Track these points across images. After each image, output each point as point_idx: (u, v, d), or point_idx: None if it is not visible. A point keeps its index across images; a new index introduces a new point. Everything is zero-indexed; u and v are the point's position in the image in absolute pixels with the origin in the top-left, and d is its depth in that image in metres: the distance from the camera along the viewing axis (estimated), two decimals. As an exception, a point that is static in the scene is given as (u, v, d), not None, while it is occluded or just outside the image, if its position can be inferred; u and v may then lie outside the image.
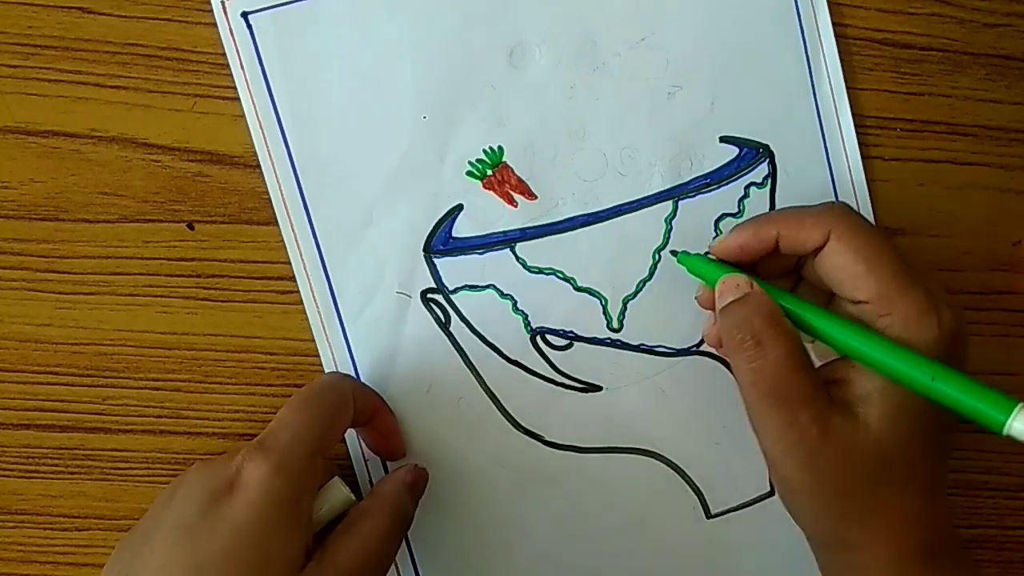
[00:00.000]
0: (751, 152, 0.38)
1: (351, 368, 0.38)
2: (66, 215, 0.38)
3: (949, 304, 0.31)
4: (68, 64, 0.37)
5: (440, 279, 0.38)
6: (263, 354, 0.38)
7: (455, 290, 0.38)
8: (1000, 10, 0.39)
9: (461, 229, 0.38)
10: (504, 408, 0.39)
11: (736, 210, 0.38)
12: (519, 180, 0.38)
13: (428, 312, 0.38)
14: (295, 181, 0.37)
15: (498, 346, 0.38)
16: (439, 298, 0.38)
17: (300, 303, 0.38)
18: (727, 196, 0.38)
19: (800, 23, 0.38)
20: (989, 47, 0.39)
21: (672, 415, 0.39)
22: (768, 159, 0.39)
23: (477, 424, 0.39)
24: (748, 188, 0.38)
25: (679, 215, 0.38)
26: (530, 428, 0.39)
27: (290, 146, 0.37)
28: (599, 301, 0.38)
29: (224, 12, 0.37)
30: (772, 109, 0.38)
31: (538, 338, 0.39)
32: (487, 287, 0.38)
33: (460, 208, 0.38)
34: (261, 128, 0.37)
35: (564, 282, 0.38)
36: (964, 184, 0.40)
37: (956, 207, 0.40)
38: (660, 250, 0.38)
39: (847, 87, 0.38)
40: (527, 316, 0.38)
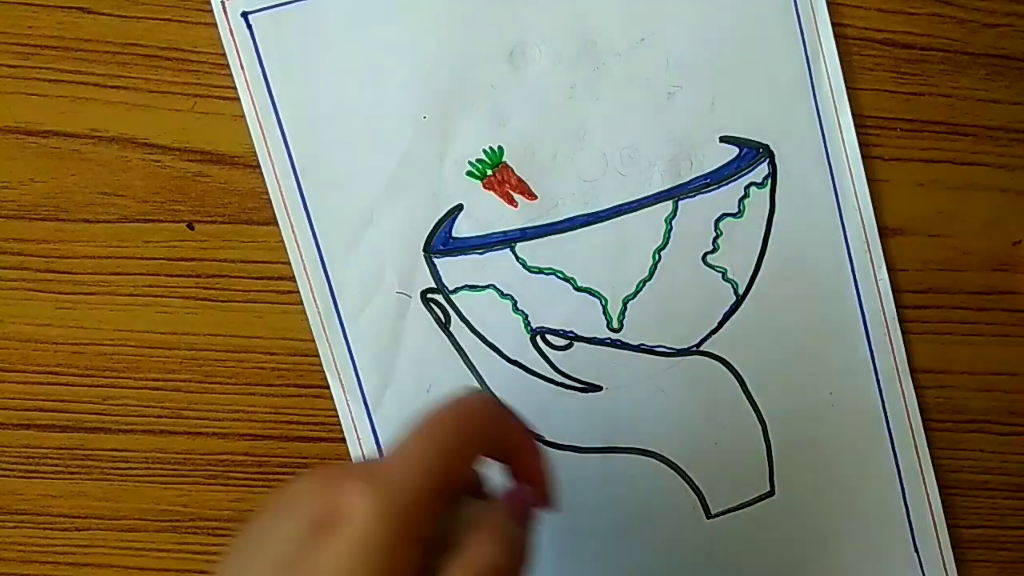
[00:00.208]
0: (751, 152, 0.38)
1: (351, 368, 0.38)
2: (66, 215, 0.38)
3: None
4: (68, 64, 0.37)
5: (440, 279, 0.38)
6: (263, 354, 0.38)
7: (455, 290, 0.38)
8: (1000, 10, 0.39)
9: (461, 229, 0.38)
10: (504, 408, 0.39)
11: (736, 210, 0.38)
12: (519, 180, 0.38)
13: (428, 312, 0.38)
14: (295, 181, 0.37)
15: (498, 346, 0.38)
16: (439, 298, 0.38)
17: (300, 303, 0.38)
18: (727, 196, 0.38)
19: (800, 23, 0.38)
20: (989, 47, 0.39)
21: (672, 415, 0.39)
22: (768, 159, 0.39)
23: (477, 424, 0.39)
24: (748, 188, 0.38)
25: (679, 215, 0.38)
26: (530, 428, 0.39)
27: (290, 146, 0.37)
28: (599, 301, 0.38)
29: (224, 12, 0.37)
30: (772, 109, 0.38)
31: (538, 338, 0.39)
32: (487, 287, 0.38)
33: (460, 208, 0.38)
34: (261, 128, 0.37)
35: (564, 282, 0.38)
36: (964, 184, 0.40)
37: (956, 207, 0.40)
38: (660, 250, 0.38)
39: (847, 87, 0.38)
40: (527, 316, 0.38)
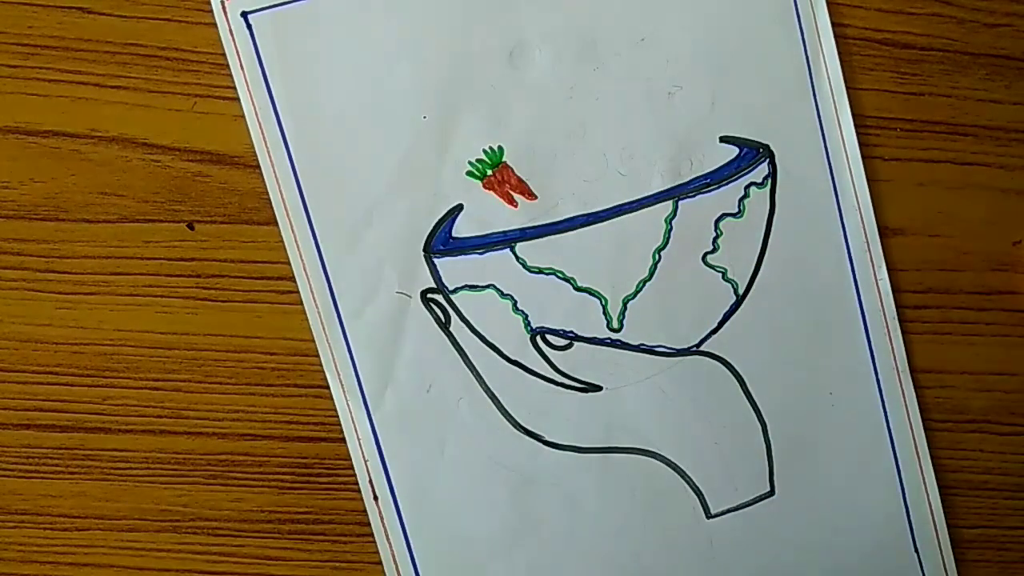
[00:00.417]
0: (751, 152, 0.38)
1: (351, 368, 0.38)
2: (66, 215, 0.38)
3: None
4: (68, 64, 0.37)
5: (440, 279, 0.38)
6: (263, 354, 0.38)
7: (455, 290, 0.38)
8: (1000, 10, 0.39)
9: (461, 229, 0.38)
10: (504, 408, 0.39)
11: (736, 210, 0.38)
12: (519, 180, 0.38)
13: (428, 312, 0.38)
14: (295, 181, 0.37)
15: (498, 346, 0.38)
16: (439, 298, 0.38)
17: (300, 303, 0.38)
18: (727, 196, 0.38)
19: (800, 23, 0.38)
20: (989, 47, 0.39)
21: (672, 415, 0.39)
22: (768, 159, 0.39)
23: (477, 424, 0.39)
24: (748, 188, 0.38)
25: (679, 215, 0.38)
26: (530, 428, 0.39)
27: (290, 146, 0.37)
28: (599, 301, 0.38)
29: (224, 12, 0.37)
30: (772, 109, 0.38)
31: (538, 338, 0.39)
32: (487, 287, 0.38)
33: (460, 208, 0.38)
34: (261, 128, 0.37)
35: (564, 282, 0.38)
36: (964, 184, 0.40)
37: (956, 207, 0.40)
38: (660, 250, 0.38)
39: (847, 87, 0.38)
40: (527, 316, 0.38)
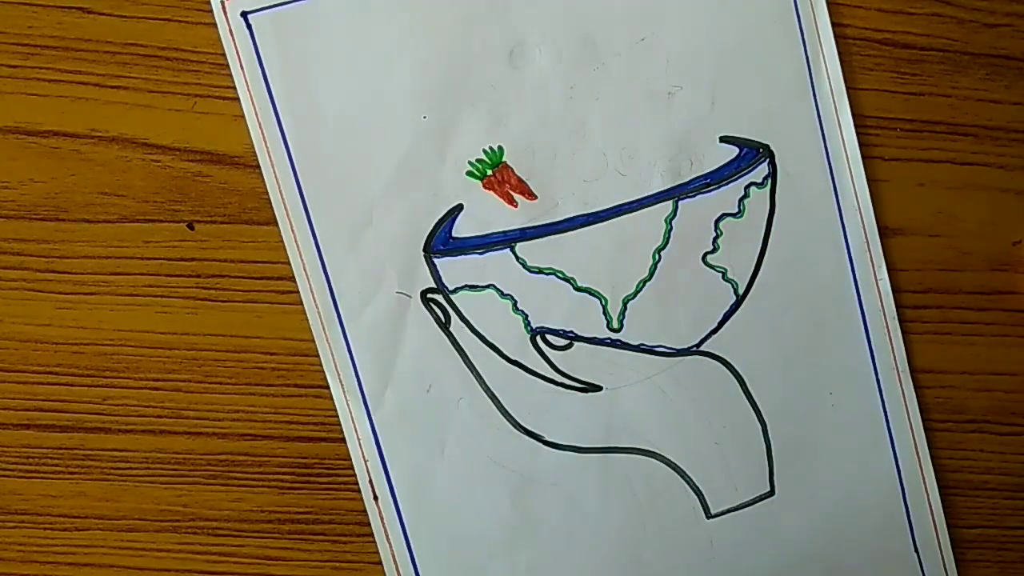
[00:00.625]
0: (751, 152, 0.38)
1: (351, 368, 0.38)
2: (66, 215, 0.38)
3: None
4: (68, 64, 0.37)
5: (440, 279, 0.38)
6: (263, 354, 0.38)
7: (455, 290, 0.38)
8: (1000, 10, 0.39)
9: (461, 229, 0.38)
10: (504, 408, 0.39)
11: (736, 210, 0.38)
12: (519, 180, 0.38)
13: (428, 312, 0.38)
14: (295, 181, 0.37)
15: (498, 346, 0.38)
16: (439, 298, 0.38)
17: (300, 303, 0.38)
18: (727, 196, 0.38)
19: (800, 23, 0.38)
20: (989, 47, 0.39)
21: (672, 415, 0.39)
22: (768, 159, 0.39)
23: (477, 424, 0.39)
24: (748, 188, 0.38)
25: (679, 215, 0.38)
26: (530, 428, 0.39)
27: (290, 146, 0.37)
28: (599, 301, 0.38)
29: (224, 12, 0.37)
30: (772, 109, 0.38)
31: (538, 338, 0.39)
32: (487, 287, 0.38)
33: (460, 208, 0.38)
34: (261, 128, 0.37)
35: (564, 282, 0.38)
36: (964, 184, 0.40)
37: (956, 207, 0.40)
38: (660, 250, 0.38)
39: (847, 87, 0.38)
40: (527, 316, 0.38)
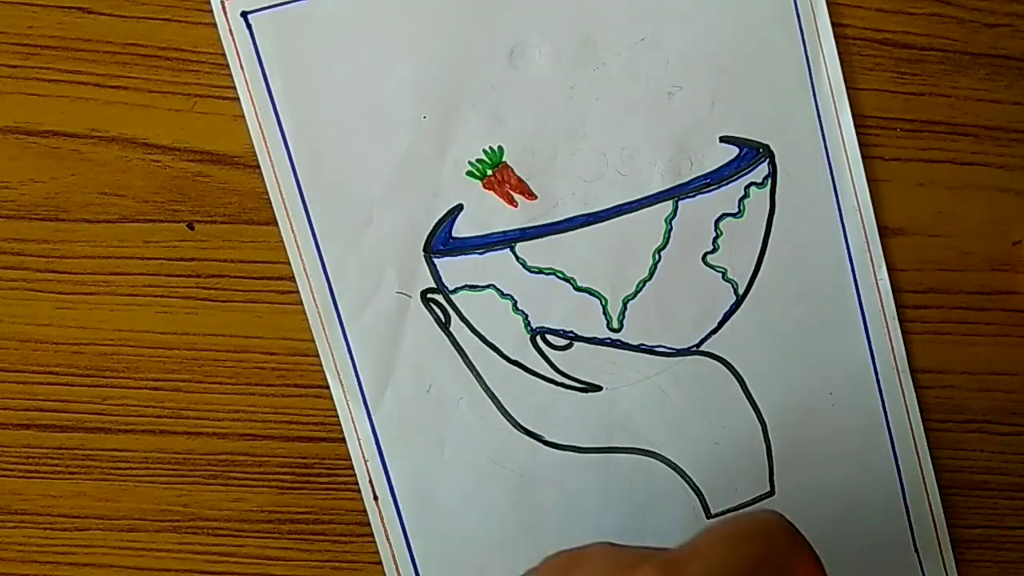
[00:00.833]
0: (751, 152, 0.38)
1: (351, 368, 0.38)
2: (66, 215, 0.38)
3: None
4: (68, 64, 0.37)
5: (440, 279, 0.38)
6: (263, 354, 0.38)
7: (455, 290, 0.38)
8: (1000, 10, 0.39)
9: (461, 229, 0.38)
10: (504, 408, 0.39)
11: (736, 210, 0.38)
12: (519, 180, 0.38)
13: (428, 312, 0.38)
14: (295, 181, 0.37)
15: (498, 346, 0.38)
16: (439, 298, 0.38)
17: (300, 303, 0.38)
18: (727, 196, 0.38)
19: (800, 23, 0.38)
20: (989, 47, 0.39)
21: (672, 415, 0.39)
22: (768, 159, 0.39)
23: (477, 424, 0.39)
24: (748, 188, 0.38)
25: (679, 215, 0.38)
26: (530, 428, 0.39)
27: (290, 146, 0.37)
28: (599, 301, 0.38)
29: (224, 12, 0.37)
30: (772, 109, 0.38)
31: (538, 338, 0.39)
32: (487, 287, 0.38)
33: (460, 208, 0.38)
34: (261, 128, 0.37)
35: (564, 282, 0.38)
36: (964, 184, 0.40)
37: (956, 207, 0.40)
38: (660, 250, 0.38)
39: (847, 87, 0.38)
40: (527, 316, 0.38)
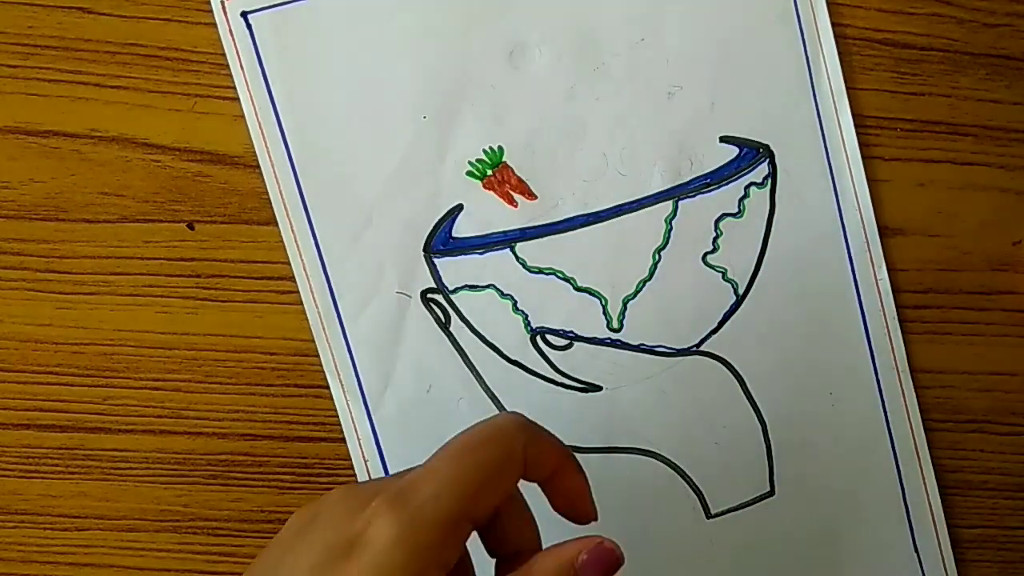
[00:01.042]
0: (751, 152, 0.38)
1: (351, 368, 0.38)
2: (66, 215, 0.38)
3: None
4: (68, 64, 0.37)
5: (440, 279, 0.38)
6: (263, 354, 0.38)
7: (455, 290, 0.38)
8: (1000, 10, 0.39)
9: (461, 229, 0.38)
10: (504, 408, 0.39)
11: (736, 210, 0.38)
12: (519, 180, 0.38)
13: (428, 312, 0.38)
14: (295, 181, 0.37)
15: (498, 346, 0.38)
16: (439, 298, 0.38)
17: (300, 303, 0.38)
18: (727, 196, 0.38)
19: (800, 23, 0.38)
20: (989, 47, 0.39)
21: (672, 415, 0.39)
22: (768, 159, 0.39)
23: (477, 424, 0.39)
24: (748, 188, 0.38)
25: (679, 215, 0.38)
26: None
27: (290, 146, 0.37)
28: (599, 301, 0.38)
29: (224, 12, 0.37)
30: (772, 109, 0.38)
31: (538, 338, 0.39)
32: (487, 287, 0.38)
33: (460, 208, 0.38)
34: (261, 128, 0.37)
35: (564, 282, 0.38)
36: (964, 184, 0.40)
37: (956, 207, 0.40)
38: (660, 250, 0.38)
39: (847, 87, 0.38)
40: (527, 316, 0.38)
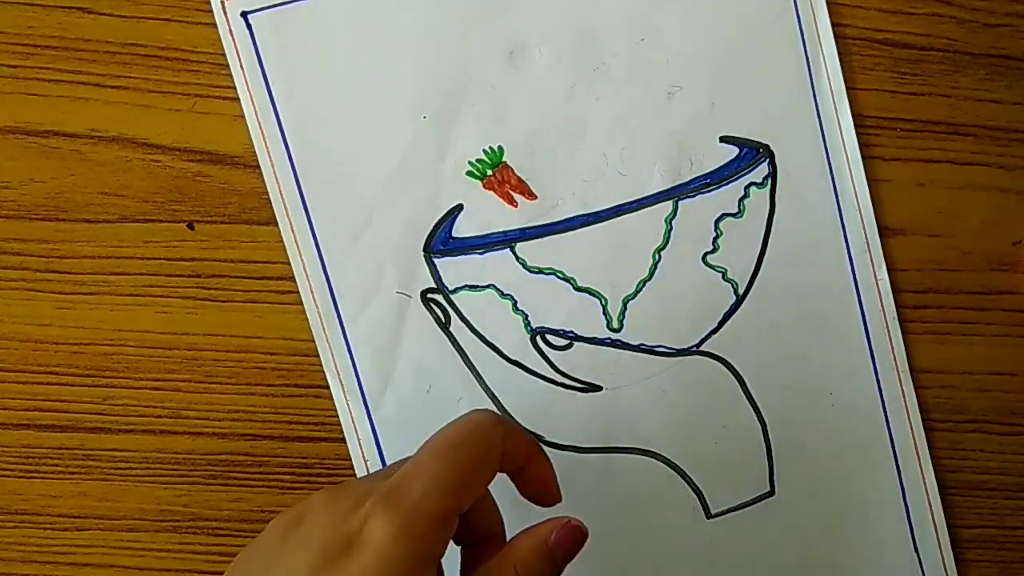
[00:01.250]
0: (751, 152, 0.38)
1: (351, 368, 0.38)
2: (66, 215, 0.38)
3: None
4: (68, 64, 0.37)
5: (440, 279, 0.38)
6: (263, 354, 0.38)
7: (455, 290, 0.38)
8: (1000, 10, 0.39)
9: (461, 229, 0.38)
10: (504, 408, 0.39)
11: (736, 210, 0.38)
12: (519, 180, 0.38)
13: (428, 312, 0.38)
14: (295, 181, 0.37)
15: (498, 346, 0.38)
16: (439, 298, 0.38)
17: (300, 303, 0.38)
18: (727, 196, 0.38)
19: (800, 23, 0.38)
20: (989, 47, 0.39)
21: (672, 415, 0.39)
22: (768, 159, 0.39)
23: (477, 424, 0.39)
24: (748, 188, 0.38)
25: (679, 215, 0.38)
26: (530, 428, 0.39)
27: (290, 146, 0.37)
28: (599, 301, 0.38)
29: (224, 12, 0.37)
30: (772, 109, 0.38)
31: (538, 338, 0.39)
32: (487, 287, 0.38)
33: (460, 208, 0.38)
34: (261, 128, 0.37)
35: (564, 282, 0.38)
36: (964, 184, 0.40)
37: (956, 207, 0.40)
38: (660, 250, 0.38)
39: (847, 87, 0.38)
40: (527, 316, 0.38)
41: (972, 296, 0.40)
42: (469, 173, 0.38)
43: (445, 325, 0.38)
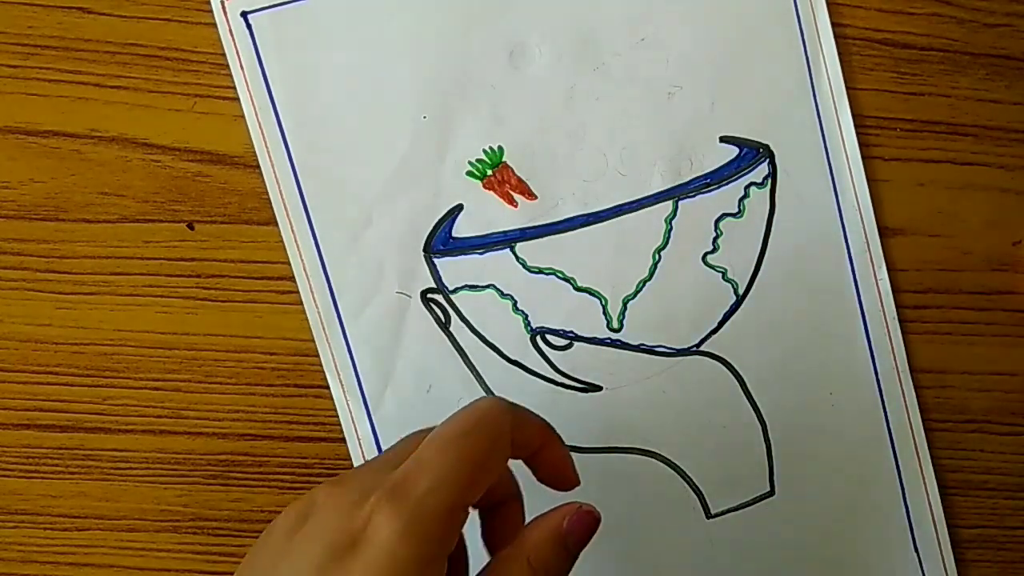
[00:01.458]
0: (751, 152, 0.38)
1: (351, 368, 0.38)
2: (66, 215, 0.38)
3: None
4: (68, 64, 0.37)
5: (440, 279, 0.38)
6: (263, 354, 0.38)
7: (455, 290, 0.38)
8: (1000, 10, 0.39)
9: (461, 229, 0.38)
10: (504, 408, 0.39)
11: (736, 210, 0.38)
12: (519, 180, 0.38)
13: (428, 312, 0.38)
14: (295, 181, 0.37)
15: (498, 346, 0.38)
16: (439, 298, 0.38)
17: (300, 303, 0.38)
18: (727, 196, 0.38)
19: (800, 23, 0.38)
20: (989, 47, 0.39)
21: (672, 415, 0.39)
22: (768, 159, 0.39)
23: (477, 424, 0.39)
24: (748, 188, 0.38)
25: (679, 215, 0.38)
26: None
27: (290, 146, 0.37)
28: (599, 301, 0.38)
29: (224, 12, 0.37)
30: (772, 109, 0.38)
31: (538, 338, 0.39)
32: (487, 287, 0.38)
33: (460, 208, 0.38)
34: (261, 128, 0.37)
35: (564, 282, 0.38)
36: (964, 184, 0.40)
37: (956, 207, 0.40)
38: (660, 250, 0.38)
39: (847, 87, 0.38)
40: (527, 316, 0.38)
41: (972, 296, 0.40)
42: (469, 173, 0.38)
43: (445, 325, 0.38)
